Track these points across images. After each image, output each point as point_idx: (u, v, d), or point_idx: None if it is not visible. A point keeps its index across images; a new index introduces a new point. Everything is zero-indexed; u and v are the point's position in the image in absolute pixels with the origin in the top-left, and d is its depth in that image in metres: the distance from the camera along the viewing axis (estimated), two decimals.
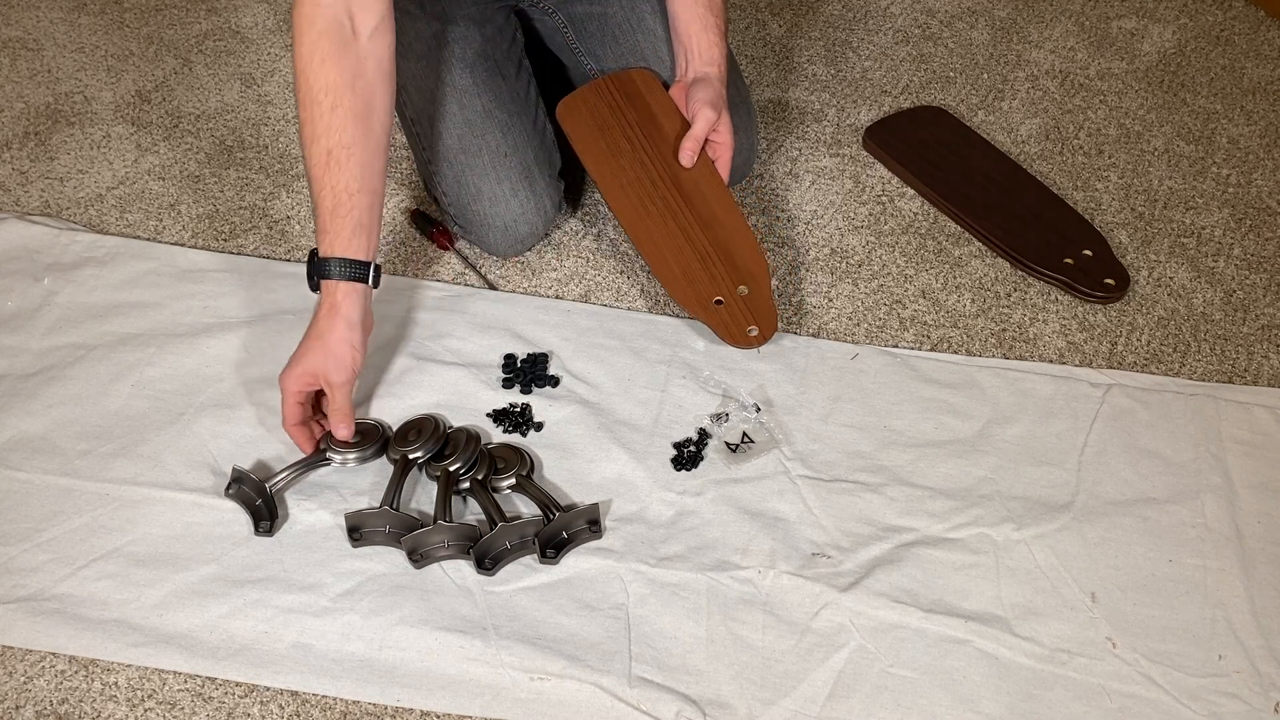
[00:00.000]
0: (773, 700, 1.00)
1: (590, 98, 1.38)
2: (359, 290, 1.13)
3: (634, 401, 1.24)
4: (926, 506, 1.15)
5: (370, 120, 1.12)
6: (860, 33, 1.80)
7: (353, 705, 1.00)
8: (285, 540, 1.11)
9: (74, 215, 1.46)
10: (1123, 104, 1.67)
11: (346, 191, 1.11)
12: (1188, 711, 1.00)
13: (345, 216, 1.11)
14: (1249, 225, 1.48)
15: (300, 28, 1.10)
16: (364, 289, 1.13)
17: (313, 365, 1.11)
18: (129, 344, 1.28)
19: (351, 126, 1.10)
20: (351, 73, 1.10)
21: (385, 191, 1.18)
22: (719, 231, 1.29)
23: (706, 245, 1.28)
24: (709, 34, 1.31)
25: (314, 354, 1.11)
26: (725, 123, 1.30)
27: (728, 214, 1.30)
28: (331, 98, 1.09)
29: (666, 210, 1.29)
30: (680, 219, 1.29)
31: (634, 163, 1.33)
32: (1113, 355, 1.31)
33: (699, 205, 1.30)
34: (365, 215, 1.13)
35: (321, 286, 1.13)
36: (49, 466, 1.16)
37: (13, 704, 1.00)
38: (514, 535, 1.09)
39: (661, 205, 1.30)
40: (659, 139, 1.33)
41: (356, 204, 1.12)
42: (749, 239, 1.29)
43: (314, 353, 1.12)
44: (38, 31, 1.77)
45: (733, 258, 1.27)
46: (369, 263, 1.13)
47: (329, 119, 1.10)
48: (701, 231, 1.28)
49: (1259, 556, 1.12)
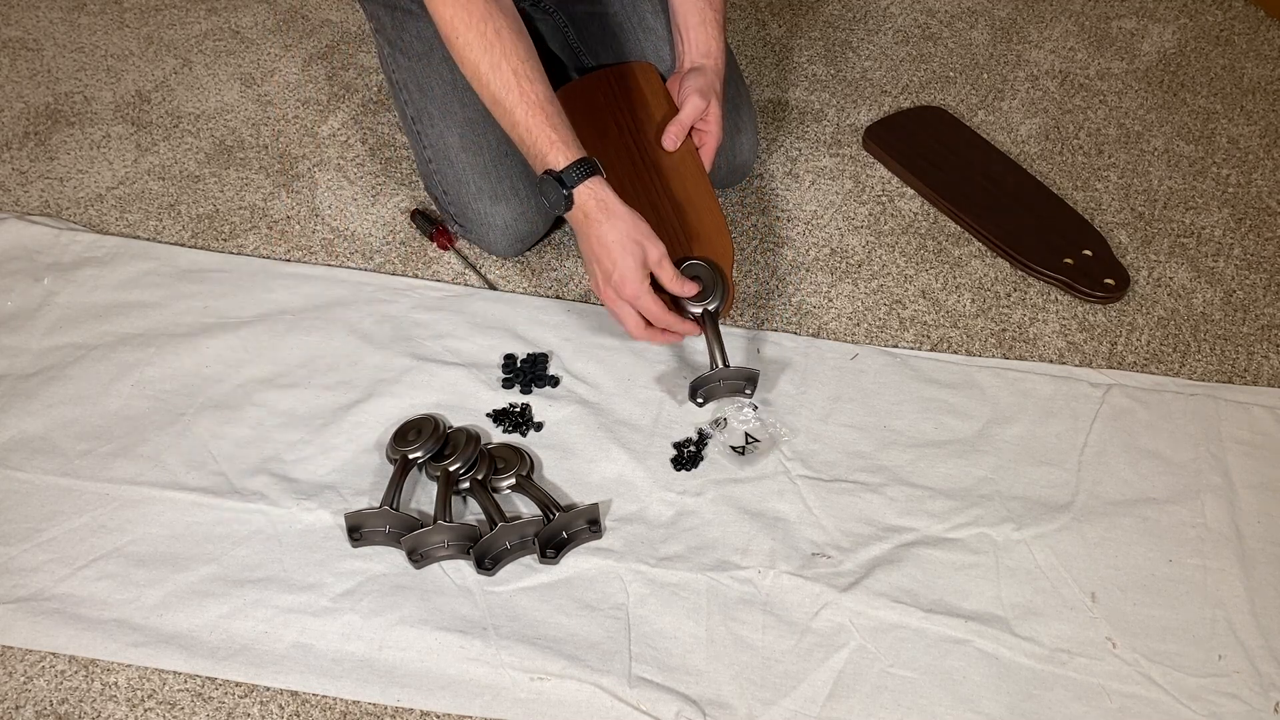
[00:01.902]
0: (773, 700, 1.00)
1: (589, 86, 1.39)
2: (604, 183, 1.15)
3: (634, 401, 1.24)
4: (926, 506, 1.15)
5: (527, 37, 1.18)
6: (860, 33, 1.80)
7: (353, 705, 1.00)
8: (285, 540, 1.11)
9: (74, 215, 1.46)
10: (1123, 104, 1.67)
11: (549, 100, 1.16)
12: (1188, 711, 1.00)
13: (560, 124, 1.15)
14: (1249, 225, 1.48)
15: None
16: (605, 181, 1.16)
17: (634, 258, 1.13)
18: (129, 344, 1.28)
19: (521, 42, 1.17)
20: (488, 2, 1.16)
21: None
22: (690, 215, 1.28)
23: (676, 226, 1.27)
24: (706, 27, 1.32)
25: (623, 251, 1.13)
26: (714, 112, 1.30)
27: (703, 199, 1.29)
28: (493, 24, 1.15)
29: (641, 190, 1.29)
30: (653, 198, 1.28)
31: (619, 146, 1.33)
32: (1113, 355, 1.31)
33: (675, 188, 1.29)
34: (566, 119, 1.17)
35: (575, 196, 1.14)
36: (49, 466, 1.16)
37: (13, 704, 1.00)
38: (514, 535, 1.09)
39: (638, 185, 1.29)
40: (647, 124, 1.34)
41: (557, 109, 1.16)
42: (719, 224, 1.28)
43: (621, 249, 1.13)
44: (38, 31, 1.77)
45: (700, 239, 1.27)
46: (594, 159, 1.16)
47: (497, 44, 1.15)
48: (672, 211, 1.28)
49: (1259, 556, 1.12)
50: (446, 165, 1.35)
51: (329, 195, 1.50)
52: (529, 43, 1.19)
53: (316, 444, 1.19)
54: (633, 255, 1.13)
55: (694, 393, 1.21)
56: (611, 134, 1.34)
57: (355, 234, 1.44)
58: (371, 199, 1.49)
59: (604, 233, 1.14)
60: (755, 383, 1.22)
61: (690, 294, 1.19)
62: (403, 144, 1.56)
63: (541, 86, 1.16)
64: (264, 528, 1.12)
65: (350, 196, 1.49)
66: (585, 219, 1.15)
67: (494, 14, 1.16)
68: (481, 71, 1.16)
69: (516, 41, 1.16)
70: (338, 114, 1.62)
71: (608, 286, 1.16)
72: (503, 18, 1.16)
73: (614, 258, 1.14)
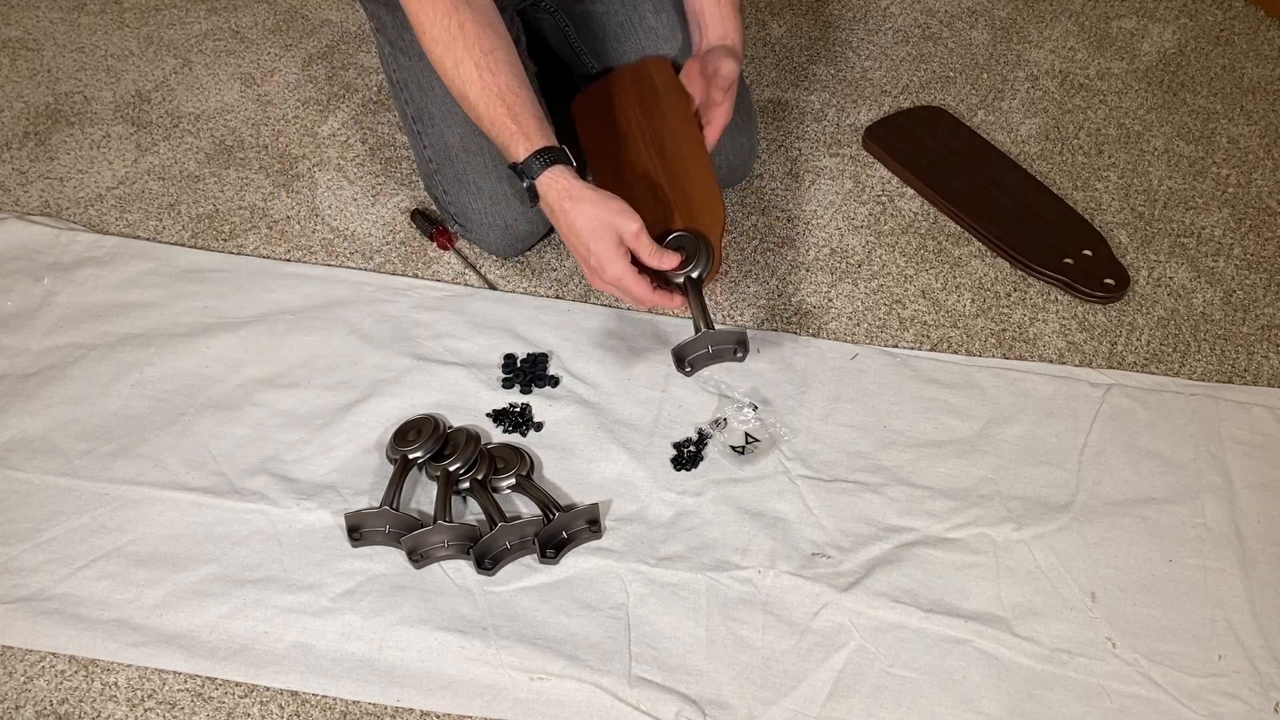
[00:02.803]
0: (773, 700, 1.00)
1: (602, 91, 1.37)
2: (569, 170, 1.14)
3: (634, 401, 1.24)
4: (926, 506, 1.15)
5: (498, 26, 1.16)
6: (860, 33, 1.80)
7: (353, 705, 1.00)
8: (285, 540, 1.11)
9: (74, 215, 1.46)
10: (1123, 104, 1.67)
11: (511, 91, 1.14)
12: (1188, 711, 1.00)
13: (522, 113, 1.14)
14: (1249, 225, 1.48)
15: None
16: (569, 170, 1.14)
17: (608, 240, 1.11)
18: (129, 344, 1.28)
19: (486, 34, 1.15)
20: None
21: None
22: (685, 184, 1.25)
23: (670, 197, 1.24)
24: (721, 8, 1.29)
25: (594, 235, 1.11)
26: (734, 90, 1.28)
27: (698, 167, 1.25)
28: (458, 18, 1.13)
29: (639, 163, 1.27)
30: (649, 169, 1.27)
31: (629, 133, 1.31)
32: (1113, 355, 1.31)
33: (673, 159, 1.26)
34: (536, 108, 1.16)
35: (538, 187, 1.14)
36: (49, 466, 1.16)
37: (13, 704, 1.00)
38: (514, 535, 1.09)
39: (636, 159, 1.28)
40: (655, 111, 1.31)
41: (524, 99, 1.15)
42: (712, 189, 1.24)
43: (592, 235, 1.11)
44: (38, 31, 1.77)
45: (692, 206, 1.23)
46: (560, 147, 1.15)
47: (460, 37, 1.14)
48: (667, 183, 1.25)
49: (1259, 556, 1.12)
50: (447, 165, 1.35)
51: (329, 195, 1.50)
52: (499, 34, 1.16)
53: (316, 444, 1.19)
54: (605, 238, 1.11)
55: (680, 362, 1.17)
56: (625, 124, 1.33)
57: (355, 234, 1.44)
58: (371, 199, 1.49)
59: (573, 220, 1.13)
60: (745, 345, 1.18)
61: (671, 266, 1.15)
62: (403, 144, 1.56)
63: (505, 77, 1.14)
64: (264, 528, 1.12)
65: (350, 196, 1.49)
66: (553, 211, 1.14)
67: (460, 7, 1.14)
68: (446, 67, 1.16)
69: (481, 34, 1.15)
70: (338, 114, 1.62)
71: (591, 273, 1.15)
72: (468, 10, 1.14)
73: (587, 243, 1.12)
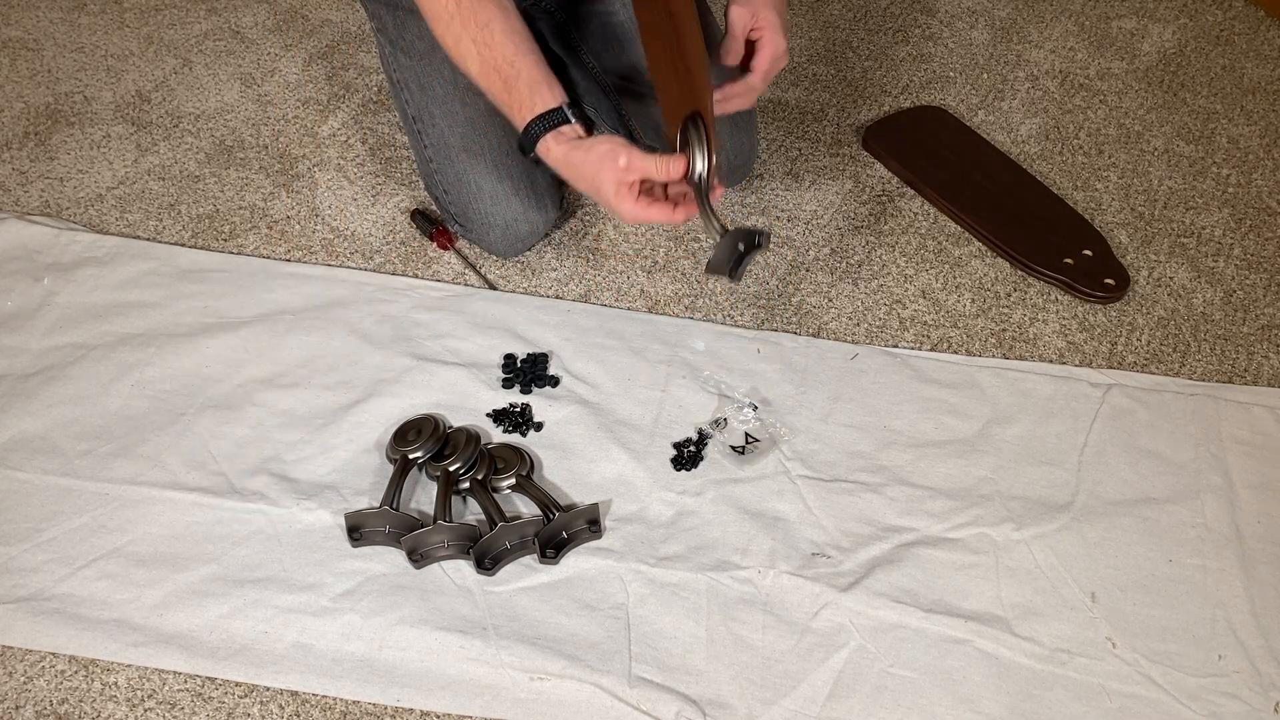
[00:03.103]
0: (773, 700, 1.00)
1: None
2: (564, 134, 1.14)
3: (634, 401, 1.24)
4: (926, 506, 1.15)
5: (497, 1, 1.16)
6: (860, 33, 1.80)
7: (353, 705, 1.00)
8: (285, 540, 1.11)
9: (74, 215, 1.46)
10: (1123, 104, 1.67)
11: (507, 62, 1.15)
12: (1188, 711, 1.00)
13: (518, 83, 1.15)
14: (1249, 225, 1.48)
15: None
16: (569, 129, 1.15)
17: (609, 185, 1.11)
18: (129, 344, 1.28)
19: (483, 7, 1.15)
20: None
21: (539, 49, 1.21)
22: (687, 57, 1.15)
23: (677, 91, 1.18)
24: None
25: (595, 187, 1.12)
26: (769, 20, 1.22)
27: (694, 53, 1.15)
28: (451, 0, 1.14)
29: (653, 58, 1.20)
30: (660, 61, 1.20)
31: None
32: (1113, 355, 1.31)
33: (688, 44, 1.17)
34: (535, 72, 1.16)
35: (538, 156, 1.16)
36: (49, 466, 1.16)
37: (13, 704, 1.00)
38: (514, 535, 1.09)
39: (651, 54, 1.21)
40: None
41: (521, 67, 1.15)
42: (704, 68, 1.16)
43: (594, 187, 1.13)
44: (38, 31, 1.77)
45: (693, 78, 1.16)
46: (559, 107, 1.15)
47: (458, 15, 1.14)
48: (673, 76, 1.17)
49: (1259, 556, 1.12)
50: (447, 165, 1.35)
51: (329, 195, 1.50)
52: (499, 6, 1.16)
53: (316, 444, 1.19)
54: (604, 187, 1.12)
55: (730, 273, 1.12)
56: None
57: (355, 234, 1.44)
58: (371, 199, 1.49)
59: (575, 178, 1.16)
60: (768, 236, 1.14)
61: (679, 174, 1.13)
62: (403, 144, 1.56)
63: (500, 48, 1.15)
64: (264, 528, 1.12)
65: (350, 196, 1.49)
66: (560, 174, 1.17)
67: None
68: (449, 45, 1.17)
69: (478, 7, 1.15)
70: (338, 114, 1.62)
71: (612, 213, 1.17)
72: None
73: (596, 193, 1.14)
